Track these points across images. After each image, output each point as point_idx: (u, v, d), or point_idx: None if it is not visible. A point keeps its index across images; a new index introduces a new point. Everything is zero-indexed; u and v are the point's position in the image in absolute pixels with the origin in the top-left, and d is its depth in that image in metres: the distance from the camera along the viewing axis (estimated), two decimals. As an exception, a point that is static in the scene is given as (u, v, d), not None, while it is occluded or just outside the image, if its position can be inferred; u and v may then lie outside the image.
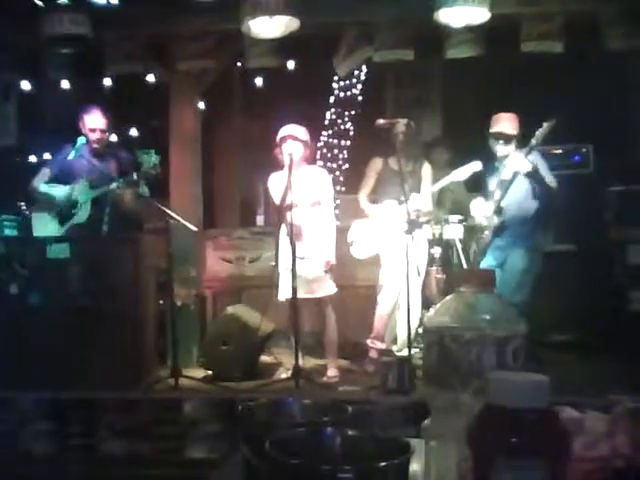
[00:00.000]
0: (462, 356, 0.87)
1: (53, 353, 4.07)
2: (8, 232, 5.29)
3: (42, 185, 4.67)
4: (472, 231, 4.79)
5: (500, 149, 4.48)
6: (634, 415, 1.02)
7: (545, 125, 4.21)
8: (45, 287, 4.31)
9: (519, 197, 4.42)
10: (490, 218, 4.50)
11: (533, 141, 4.24)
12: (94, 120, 4.66)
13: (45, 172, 4.73)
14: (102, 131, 4.67)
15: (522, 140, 4.42)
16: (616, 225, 5.35)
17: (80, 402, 3.90)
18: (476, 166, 4.57)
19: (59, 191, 4.65)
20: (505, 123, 4.44)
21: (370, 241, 4.75)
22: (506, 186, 4.40)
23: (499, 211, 4.47)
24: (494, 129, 4.46)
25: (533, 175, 4.30)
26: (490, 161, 4.62)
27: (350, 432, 0.79)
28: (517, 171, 4.32)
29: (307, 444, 0.76)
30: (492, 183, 4.57)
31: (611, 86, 5.06)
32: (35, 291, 4.30)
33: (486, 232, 4.56)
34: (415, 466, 0.82)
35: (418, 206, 4.57)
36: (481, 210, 4.58)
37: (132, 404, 3.90)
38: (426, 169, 4.79)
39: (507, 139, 4.43)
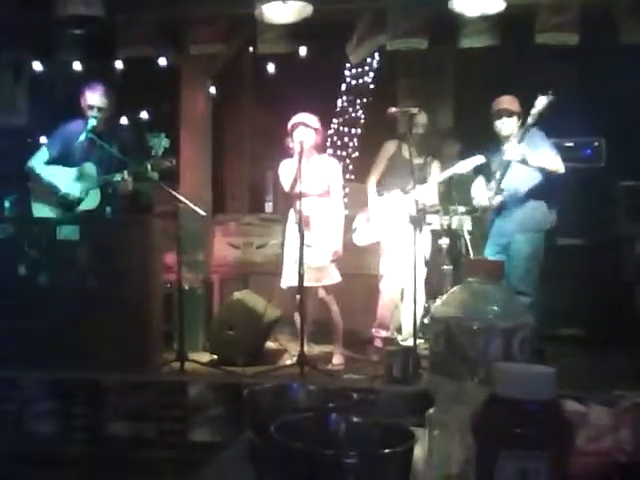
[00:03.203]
0: (469, 346, 0.86)
1: (60, 334, 4.09)
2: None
3: (40, 166, 4.58)
4: (479, 221, 4.80)
5: (503, 127, 4.48)
6: (638, 410, 1.02)
7: (538, 99, 4.17)
8: (53, 268, 4.33)
9: (519, 178, 4.42)
10: (492, 198, 4.50)
11: (529, 119, 4.23)
12: (95, 98, 4.58)
13: (44, 152, 4.65)
14: (100, 109, 4.59)
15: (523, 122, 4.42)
16: (626, 220, 5.33)
17: (85, 383, 3.93)
18: (479, 160, 4.57)
19: (60, 176, 4.57)
20: (506, 101, 4.49)
21: (371, 229, 4.77)
22: (504, 168, 4.40)
23: (500, 191, 4.47)
24: (494, 109, 4.50)
25: (525, 163, 4.30)
26: (495, 144, 4.61)
27: (354, 419, 0.79)
28: (511, 159, 4.33)
29: (312, 429, 0.76)
30: (495, 164, 4.57)
31: (625, 79, 5.01)
32: (43, 272, 4.32)
33: (488, 212, 4.56)
34: (418, 455, 0.82)
35: (421, 198, 4.56)
36: (482, 191, 4.59)
37: (137, 386, 3.93)
38: (436, 165, 4.82)
39: (509, 115, 4.45)
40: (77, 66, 5.48)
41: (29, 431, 3.82)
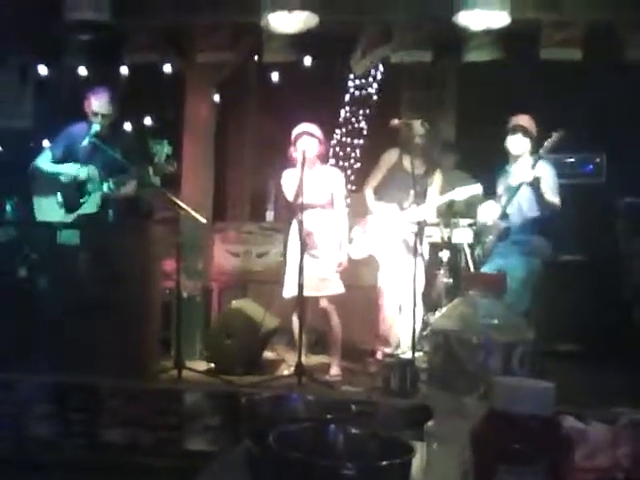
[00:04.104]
0: (468, 360, 0.87)
1: (58, 338, 4.08)
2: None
3: (44, 165, 4.61)
4: (479, 235, 4.81)
5: (516, 144, 4.47)
6: (636, 428, 1.02)
7: (554, 135, 4.26)
8: (53, 272, 4.33)
9: (523, 205, 4.45)
10: (495, 222, 4.53)
11: (541, 151, 4.30)
12: (100, 104, 4.59)
13: (47, 154, 4.66)
14: (104, 116, 4.61)
15: (535, 146, 4.44)
16: (626, 236, 5.33)
17: (82, 389, 3.92)
18: (476, 189, 4.60)
19: (65, 168, 4.60)
20: (523, 119, 4.49)
21: (367, 242, 4.76)
22: (512, 193, 4.43)
23: (504, 216, 4.49)
24: (513, 123, 4.49)
25: (535, 186, 4.33)
26: (503, 164, 4.63)
27: (353, 430, 0.79)
28: (522, 181, 4.36)
29: (310, 440, 0.76)
30: (501, 187, 4.59)
31: (627, 95, 5.03)
32: (43, 275, 4.32)
33: (490, 237, 4.58)
34: (416, 468, 0.82)
35: (419, 218, 4.55)
36: (489, 214, 4.61)
37: (134, 393, 3.91)
38: (437, 177, 4.79)
39: (524, 133, 4.44)
40: (83, 71, 5.50)
41: (25, 435, 3.81)
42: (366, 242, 4.77)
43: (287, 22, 4.45)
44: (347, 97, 7.34)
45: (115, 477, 3.48)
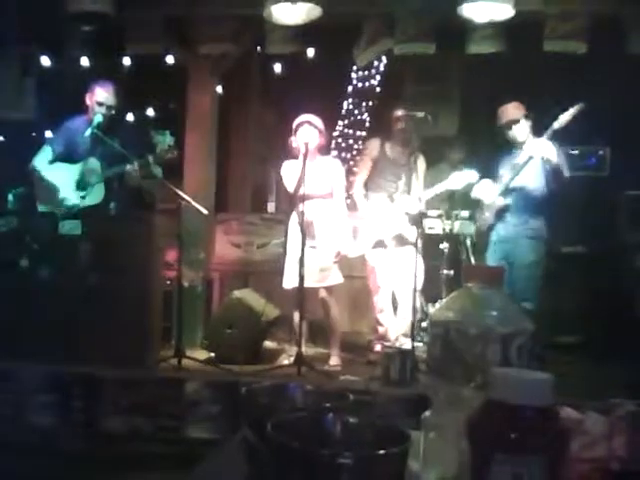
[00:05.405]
0: (466, 351, 0.87)
1: (59, 328, 4.10)
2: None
3: (43, 167, 4.57)
4: (474, 213, 4.78)
5: (517, 134, 4.45)
6: (633, 418, 1.02)
7: (571, 110, 4.14)
8: (55, 262, 4.33)
9: (528, 182, 4.41)
10: (496, 199, 4.48)
11: (555, 124, 4.18)
12: (105, 95, 4.57)
13: (47, 151, 4.62)
14: (109, 107, 4.58)
15: (537, 128, 4.40)
16: (628, 229, 5.33)
17: (83, 377, 3.94)
18: (472, 176, 4.55)
19: (63, 179, 4.57)
20: (511, 111, 4.46)
21: (362, 241, 4.71)
22: (518, 169, 4.37)
23: (506, 193, 4.44)
24: (503, 120, 4.47)
25: (549, 161, 4.26)
26: (505, 148, 4.58)
27: (351, 419, 0.80)
28: (532, 156, 4.28)
29: (308, 428, 0.77)
30: (503, 166, 4.54)
31: (631, 88, 5.01)
32: (45, 266, 4.33)
33: (487, 213, 4.53)
34: (413, 457, 0.83)
35: (409, 209, 4.53)
36: (486, 191, 4.56)
37: (135, 382, 3.93)
38: (421, 162, 4.73)
39: (517, 123, 4.43)
40: (85, 62, 5.49)
41: (25, 424, 3.83)
42: (361, 241, 4.71)
43: (290, 13, 4.44)
44: (350, 89, 7.33)
45: (115, 465, 3.50)
